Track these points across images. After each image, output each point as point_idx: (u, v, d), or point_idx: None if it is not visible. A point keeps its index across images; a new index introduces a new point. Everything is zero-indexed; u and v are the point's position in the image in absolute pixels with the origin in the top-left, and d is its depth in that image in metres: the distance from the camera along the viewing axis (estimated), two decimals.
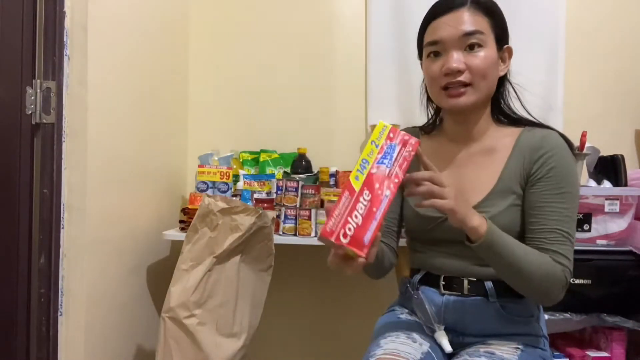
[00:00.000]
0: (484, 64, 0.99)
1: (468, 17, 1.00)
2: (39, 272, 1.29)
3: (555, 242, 0.95)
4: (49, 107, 1.28)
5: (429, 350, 1.02)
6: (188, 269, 1.37)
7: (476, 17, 1.00)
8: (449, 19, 1.01)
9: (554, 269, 0.94)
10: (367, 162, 0.84)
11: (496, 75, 1.04)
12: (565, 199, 0.96)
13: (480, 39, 0.99)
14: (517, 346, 1.01)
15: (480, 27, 1.00)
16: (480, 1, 1.02)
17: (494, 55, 1.01)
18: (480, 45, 1.00)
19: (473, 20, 1.00)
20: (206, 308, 1.37)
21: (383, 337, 1.06)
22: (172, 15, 1.90)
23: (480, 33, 0.99)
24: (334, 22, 2.03)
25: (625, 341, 1.55)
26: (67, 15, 1.28)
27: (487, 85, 1.02)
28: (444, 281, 1.07)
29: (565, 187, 0.97)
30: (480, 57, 0.99)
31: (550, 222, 0.96)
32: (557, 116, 1.91)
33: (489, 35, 1.01)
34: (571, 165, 0.99)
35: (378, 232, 0.81)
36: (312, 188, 1.69)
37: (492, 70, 1.01)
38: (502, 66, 1.06)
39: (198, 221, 1.40)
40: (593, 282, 1.49)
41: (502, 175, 1.02)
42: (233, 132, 2.06)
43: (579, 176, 1.55)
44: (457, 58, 0.99)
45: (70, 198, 1.31)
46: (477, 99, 1.02)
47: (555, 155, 0.98)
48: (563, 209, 0.96)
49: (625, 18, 1.94)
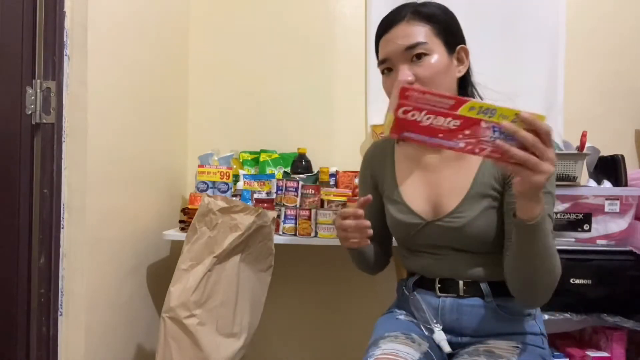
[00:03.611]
0: (432, 71, 0.99)
1: (408, 30, 1.01)
2: (39, 272, 1.29)
3: None
4: (49, 107, 1.28)
5: (428, 350, 1.02)
6: (188, 268, 1.37)
7: (417, 27, 1.01)
8: (391, 36, 1.02)
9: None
10: (494, 111, 0.72)
11: (451, 79, 1.03)
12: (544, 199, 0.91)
13: (424, 48, 0.99)
14: (516, 345, 1.01)
15: (421, 37, 1.00)
16: (419, 11, 1.02)
17: (442, 61, 1.00)
18: (426, 54, 0.99)
19: (413, 32, 1.00)
20: (206, 308, 1.37)
21: (382, 338, 1.06)
22: (172, 15, 1.90)
23: (422, 43, 0.99)
24: (334, 22, 2.03)
25: (626, 341, 1.54)
26: (67, 15, 1.28)
27: (441, 88, 0.99)
28: (439, 284, 1.07)
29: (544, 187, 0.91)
30: (426, 65, 0.99)
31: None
32: (557, 116, 1.91)
33: (434, 42, 1.00)
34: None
35: (418, 142, 0.75)
36: (312, 188, 1.69)
37: (443, 76, 1.00)
38: (459, 67, 1.05)
39: (197, 220, 1.40)
40: (593, 282, 1.49)
41: (475, 179, 1.02)
42: (233, 132, 2.06)
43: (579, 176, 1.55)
44: (405, 72, 1.00)
45: (70, 198, 1.31)
46: None
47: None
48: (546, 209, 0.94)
49: (625, 18, 1.94)
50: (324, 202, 1.70)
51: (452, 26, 1.04)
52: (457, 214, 1.01)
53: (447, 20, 1.03)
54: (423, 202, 1.07)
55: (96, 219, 1.36)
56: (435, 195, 1.05)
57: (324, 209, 1.65)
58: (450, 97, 0.73)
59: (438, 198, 1.05)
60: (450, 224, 1.01)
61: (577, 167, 1.55)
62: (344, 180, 1.81)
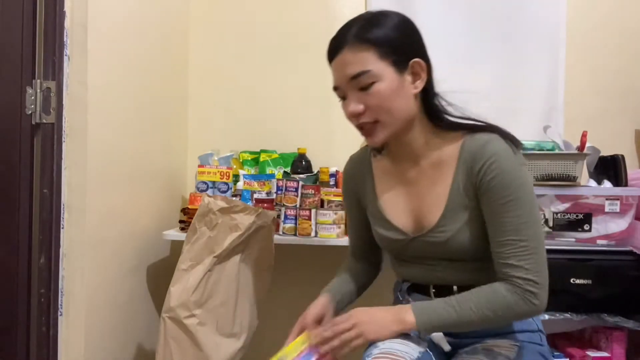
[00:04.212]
0: (381, 99, 0.94)
1: (351, 57, 0.95)
2: (39, 272, 1.29)
3: (511, 255, 0.90)
4: (49, 107, 1.28)
5: (427, 349, 1.02)
6: (188, 268, 1.37)
7: (359, 54, 0.94)
8: (336, 64, 0.98)
9: (504, 298, 0.90)
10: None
11: (405, 98, 0.96)
12: (513, 207, 0.90)
13: (369, 76, 0.93)
14: (515, 343, 1.01)
15: (365, 64, 0.94)
16: (360, 35, 0.96)
17: (392, 84, 0.94)
18: (373, 81, 0.94)
19: (356, 60, 0.94)
20: (206, 308, 1.37)
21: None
22: (172, 15, 1.90)
23: (366, 72, 0.93)
24: (334, 22, 2.02)
25: (626, 341, 1.54)
26: (67, 15, 1.28)
27: (397, 116, 0.96)
28: (433, 289, 1.05)
29: (511, 194, 0.90)
30: (374, 93, 0.94)
31: (502, 234, 0.91)
32: (557, 116, 1.91)
33: (381, 66, 0.94)
34: (514, 170, 0.92)
35: None
36: (312, 188, 1.69)
37: (395, 100, 0.95)
38: (415, 82, 0.97)
39: (197, 220, 1.40)
40: (593, 282, 1.49)
41: (451, 191, 0.98)
42: (233, 132, 2.05)
43: (579, 176, 1.55)
44: (354, 102, 0.96)
45: (70, 198, 1.30)
46: (390, 132, 0.97)
47: (495, 163, 0.92)
48: (514, 217, 0.90)
49: (625, 18, 1.94)
50: (324, 202, 1.70)
51: (403, 42, 0.97)
52: (440, 229, 0.98)
53: (396, 37, 0.96)
54: (405, 218, 1.04)
55: (96, 219, 1.36)
56: (417, 210, 1.03)
57: (324, 209, 1.65)
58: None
59: (420, 212, 1.02)
60: (434, 239, 0.99)
61: (577, 167, 1.55)
62: None
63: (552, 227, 1.56)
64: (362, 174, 1.14)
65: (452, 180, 0.98)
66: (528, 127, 1.90)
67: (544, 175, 1.56)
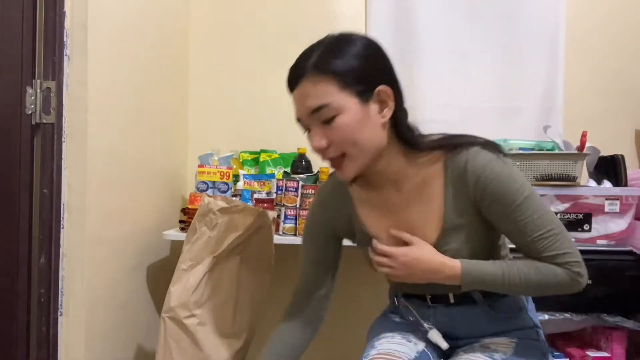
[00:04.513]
0: (345, 133, 0.88)
1: (310, 89, 0.89)
2: (39, 272, 1.28)
3: (547, 247, 0.91)
4: (49, 107, 1.28)
5: (424, 349, 1.02)
6: (188, 268, 1.37)
7: (320, 85, 0.88)
8: (297, 95, 0.93)
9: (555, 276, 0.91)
10: None
11: (372, 129, 0.90)
12: (524, 209, 0.90)
13: (331, 109, 0.88)
14: (511, 340, 1.01)
15: (325, 97, 0.88)
16: (319, 65, 0.88)
17: (356, 116, 0.88)
18: (335, 115, 0.88)
19: (316, 92, 0.88)
20: (206, 308, 1.37)
21: (377, 339, 1.06)
22: (172, 15, 1.90)
23: (326, 105, 0.88)
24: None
25: (626, 341, 1.54)
26: (67, 15, 1.28)
27: (365, 148, 0.91)
28: (429, 294, 1.05)
29: (517, 198, 0.90)
30: (338, 127, 0.88)
31: (528, 235, 0.91)
32: (557, 116, 1.91)
33: (342, 97, 0.87)
34: (508, 175, 0.91)
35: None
36: (312, 188, 1.69)
37: (361, 132, 0.89)
38: (384, 111, 0.91)
39: (197, 220, 1.40)
40: (593, 282, 1.48)
41: (445, 213, 0.95)
42: (233, 132, 2.05)
43: (579, 176, 1.55)
44: (317, 137, 0.91)
45: (70, 198, 1.30)
46: (360, 164, 0.93)
47: (489, 176, 0.90)
48: (530, 217, 0.90)
49: (625, 18, 1.94)
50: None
51: (367, 70, 0.90)
52: (440, 249, 0.96)
53: (358, 66, 0.89)
54: (398, 242, 1.00)
55: (96, 219, 1.36)
56: (411, 232, 0.99)
57: None
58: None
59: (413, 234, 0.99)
60: None
61: (577, 167, 1.55)
62: None
63: None
64: (340, 203, 1.06)
65: (443, 202, 0.95)
66: (528, 127, 1.90)
67: (544, 175, 1.56)
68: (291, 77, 0.93)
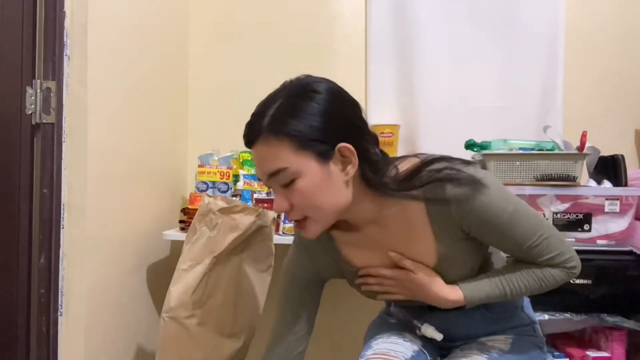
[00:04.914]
0: (305, 197, 0.84)
1: (265, 152, 0.84)
2: (39, 272, 1.29)
3: (539, 254, 0.92)
4: (49, 107, 1.28)
5: (421, 348, 1.03)
6: (187, 268, 1.37)
7: (275, 148, 0.82)
8: (255, 157, 0.88)
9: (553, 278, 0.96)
10: None
11: (336, 190, 0.86)
12: (512, 223, 0.89)
13: (288, 174, 0.83)
14: (508, 336, 1.02)
15: (281, 161, 0.82)
16: (272, 126, 0.83)
17: (315, 179, 0.83)
18: (293, 178, 0.83)
19: (272, 156, 0.83)
20: (206, 308, 1.37)
21: (374, 339, 1.07)
22: (172, 15, 1.90)
23: (283, 169, 0.83)
24: (334, 22, 2.02)
25: (626, 341, 1.54)
26: (67, 15, 1.28)
27: (328, 210, 0.87)
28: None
29: (502, 218, 0.88)
30: (296, 191, 0.84)
31: (522, 245, 0.91)
32: (557, 116, 1.91)
33: (299, 160, 0.82)
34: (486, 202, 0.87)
35: None
36: None
37: (322, 195, 0.85)
38: (347, 168, 0.86)
39: (197, 221, 1.40)
40: (593, 282, 1.49)
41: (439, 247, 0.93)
42: (233, 132, 2.03)
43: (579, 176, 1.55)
44: (278, 200, 0.87)
45: (70, 198, 1.30)
46: (324, 225, 0.90)
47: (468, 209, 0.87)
48: (519, 228, 0.90)
49: (625, 18, 1.93)
50: None
51: (326, 128, 0.83)
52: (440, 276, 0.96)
53: (316, 124, 0.82)
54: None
55: (96, 218, 1.36)
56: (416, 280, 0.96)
57: None
58: None
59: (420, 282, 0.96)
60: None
61: (577, 167, 1.55)
62: None
63: None
64: (323, 247, 1.02)
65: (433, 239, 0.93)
66: (528, 127, 1.90)
67: (544, 175, 1.56)
68: (246, 135, 0.88)
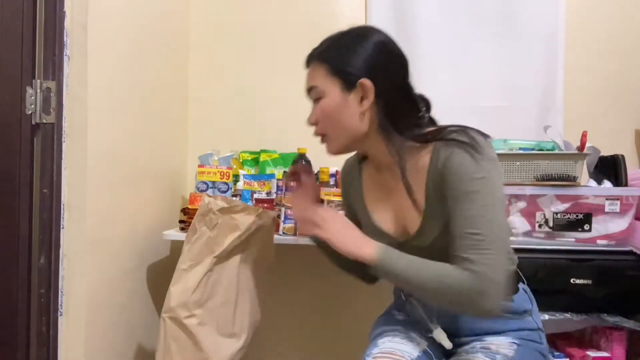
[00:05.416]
0: (324, 114, 1.01)
1: (310, 72, 1.05)
2: (39, 272, 1.29)
3: (464, 247, 0.88)
4: (49, 107, 1.28)
5: (427, 348, 1.02)
6: (188, 268, 1.37)
7: (315, 70, 1.03)
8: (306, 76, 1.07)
9: (457, 279, 0.87)
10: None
11: (350, 116, 0.99)
12: (468, 199, 0.89)
13: (318, 92, 1.01)
14: (513, 341, 1.02)
15: (316, 80, 1.02)
16: (320, 53, 1.03)
17: (334, 101, 0.99)
18: (320, 97, 1.01)
19: (311, 75, 1.04)
20: (206, 308, 1.37)
21: (380, 337, 1.07)
22: (172, 15, 1.90)
23: (314, 87, 1.02)
24: (334, 22, 2.02)
25: (626, 341, 1.54)
26: (67, 15, 1.28)
27: (341, 132, 1.01)
28: None
29: (469, 187, 0.90)
30: (319, 107, 1.01)
31: (457, 229, 0.90)
32: (557, 116, 1.91)
33: (328, 82, 1.00)
34: (472, 164, 0.91)
35: None
36: None
37: (338, 117, 1.00)
38: (363, 102, 0.98)
39: (197, 220, 1.40)
40: (593, 282, 1.49)
41: (426, 200, 0.98)
42: (233, 132, 2.05)
43: (579, 176, 1.55)
44: (311, 113, 1.05)
45: (70, 198, 1.30)
46: (339, 145, 1.04)
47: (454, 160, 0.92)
48: (466, 209, 0.89)
49: (625, 18, 1.94)
50: (324, 202, 1.69)
51: (356, 63, 0.98)
52: (422, 236, 0.99)
53: (348, 58, 0.98)
54: (392, 224, 1.06)
55: (96, 218, 1.36)
56: (401, 217, 1.04)
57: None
58: None
59: (404, 220, 1.04)
60: (419, 244, 1.00)
61: (577, 167, 1.55)
62: None
63: (552, 227, 1.56)
64: (352, 179, 1.16)
65: (425, 190, 0.98)
66: (528, 127, 1.90)
67: (544, 175, 1.56)
68: (306, 58, 1.07)
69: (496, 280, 0.86)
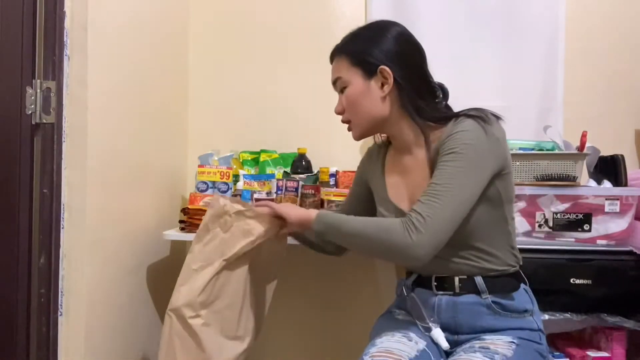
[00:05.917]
0: (350, 102, 1.13)
1: (335, 65, 1.18)
2: (39, 272, 1.28)
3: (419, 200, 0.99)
4: (49, 107, 1.28)
5: (425, 348, 1.03)
6: (198, 269, 1.36)
7: (338, 63, 1.15)
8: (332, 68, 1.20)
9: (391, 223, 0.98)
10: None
11: (373, 101, 1.11)
12: (451, 157, 0.99)
13: (343, 82, 1.14)
14: (512, 340, 1.02)
15: (340, 72, 1.14)
16: (343, 46, 1.15)
17: (358, 89, 1.11)
18: (345, 86, 1.13)
19: (336, 68, 1.16)
20: (212, 309, 1.36)
21: (379, 337, 1.08)
22: (172, 15, 1.90)
23: (338, 78, 1.15)
24: (334, 22, 2.02)
25: (626, 341, 1.54)
26: (67, 15, 1.28)
27: (364, 117, 1.13)
28: (435, 281, 1.08)
29: (455, 148, 0.99)
30: (345, 97, 1.14)
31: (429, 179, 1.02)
32: (557, 116, 1.91)
33: (351, 73, 1.12)
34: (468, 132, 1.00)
35: None
36: (312, 188, 1.69)
37: (361, 102, 1.12)
38: (384, 87, 1.10)
39: (211, 221, 1.38)
40: (593, 282, 1.49)
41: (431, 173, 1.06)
42: (233, 132, 2.05)
43: (579, 176, 1.55)
44: (338, 103, 1.17)
45: (70, 198, 1.30)
46: (361, 130, 1.17)
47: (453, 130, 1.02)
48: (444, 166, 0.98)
49: (625, 18, 1.94)
50: (324, 202, 1.69)
51: (373, 51, 1.10)
52: None
53: (368, 49, 1.10)
54: (406, 202, 1.14)
55: (96, 219, 1.36)
56: (417, 193, 1.07)
57: (324, 209, 1.65)
58: None
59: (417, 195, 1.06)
60: None
61: (577, 167, 1.55)
62: (344, 180, 1.81)
63: (552, 227, 1.56)
64: (376, 163, 1.27)
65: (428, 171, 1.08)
66: (528, 127, 1.90)
67: (544, 175, 1.56)
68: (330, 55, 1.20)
69: (431, 228, 0.93)
